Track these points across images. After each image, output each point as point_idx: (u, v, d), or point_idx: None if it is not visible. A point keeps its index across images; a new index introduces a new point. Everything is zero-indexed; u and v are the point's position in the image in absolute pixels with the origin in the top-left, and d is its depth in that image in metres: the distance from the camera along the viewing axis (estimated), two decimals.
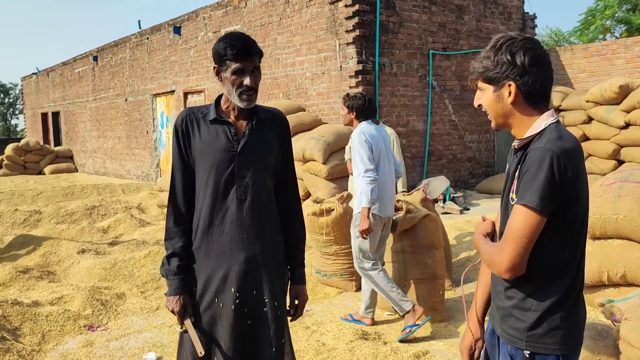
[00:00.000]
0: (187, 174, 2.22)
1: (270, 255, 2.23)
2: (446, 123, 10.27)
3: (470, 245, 6.36)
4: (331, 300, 4.94)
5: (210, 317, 2.18)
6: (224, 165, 2.16)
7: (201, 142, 2.18)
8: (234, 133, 2.18)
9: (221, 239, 2.16)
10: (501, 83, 1.62)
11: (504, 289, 1.67)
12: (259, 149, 2.21)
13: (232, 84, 2.13)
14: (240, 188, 2.16)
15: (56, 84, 21.89)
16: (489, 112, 1.70)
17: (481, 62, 1.66)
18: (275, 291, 2.23)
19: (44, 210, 9.12)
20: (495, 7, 10.83)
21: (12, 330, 4.09)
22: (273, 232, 2.27)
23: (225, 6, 11.61)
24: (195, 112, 2.24)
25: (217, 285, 2.16)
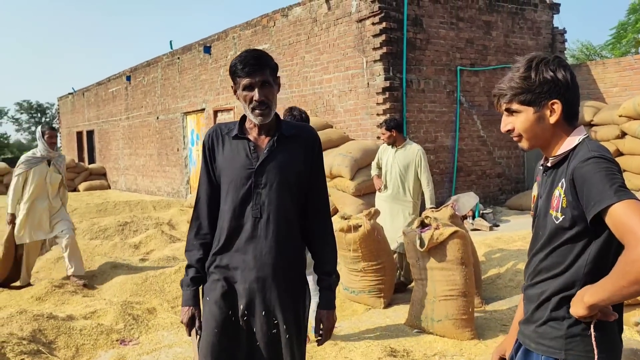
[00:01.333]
0: (211, 189, 2.23)
1: (284, 277, 2.16)
2: (475, 139, 10.20)
3: (500, 262, 6.27)
4: (359, 317, 4.93)
5: (222, 329, 2.15)
6: (241, 182, 2.14)
7: (223, 158, 2.19)
8: (253, 150, 2.16)
9: (235, 256, 2.15)
10: (543, 103, 1.60)
11: (541, 301, 1.65)
12: (278, 166, 2.16)
13: (244, 100, 2.14)
14: (256, 206, 2.13)
15: (91, 103, 22.52)
16: (524, 135, 1.65)
17: (516, 82, 1.62)
18: (287, 314, 2.16)
19: (78, 226, 9.34)
20: (523, 23, 10.78)
21: (47, 343, 4.19)
22: (291, 252, 2.20)
23: (254, 26, 11.83)
24: (222, 128, 2.25)
25: (229, 300, 2.16)
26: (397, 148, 5.59)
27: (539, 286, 1.67)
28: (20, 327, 4.24)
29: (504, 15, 10.48)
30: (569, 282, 1.59)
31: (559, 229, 1.59)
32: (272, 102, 2.15)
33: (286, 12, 10.88)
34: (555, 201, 1.59)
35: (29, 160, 5.92)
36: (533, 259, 1.71)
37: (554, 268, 1.62)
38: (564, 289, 1.60)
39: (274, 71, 2.18)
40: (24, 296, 5.49)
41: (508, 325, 4.51)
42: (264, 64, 2.13)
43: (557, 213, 1.58)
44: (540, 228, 1.68)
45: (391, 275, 5.28)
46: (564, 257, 1.60)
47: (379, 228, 5.24)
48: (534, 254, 1.71)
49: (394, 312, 5.01)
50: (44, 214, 5.98)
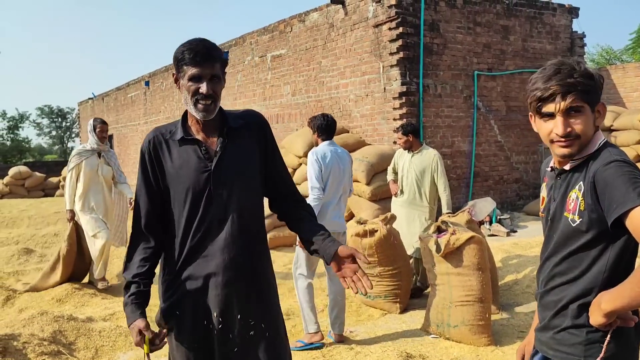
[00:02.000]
0: (151, 201, 2.06)
1: (256, 276, 2.07)
2: (492, 144, 10.15)
3: (518, 268, 6.22)
4: (375, 322, 4.93)
5: (192, 343, 2.03)
6: (200, 188, 1.98)
7: (172, 166, 2.02)
8: (204, 151, 2.00)
9: (202, 263, 2.01)
10: (596, 105, 1.60)
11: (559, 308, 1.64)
12: (235, 162, 2.03)
13: (188, 91, 1.95)
14: (218, 208, 1.99)
15: (110, 108, 22.84)
16: (583, 137, 1.58)
17: (583, 79, 1.55)
18: (264, 314, 2.08)
19: None
20: (542, 27, 10.70)
21: (67, 344, 4.26)
22: (259, 249, 2.11)
23: (272, 31, 11.91)
24: (164, 133, 2.06)
25: (201, 310, 2.01)
26: (414, 153, 5.59)
27: (554, 292, 1.66)
28: (41, 328, 4.31)
29: (522, 19, 10.43)
30: (587, 288, 1.58)
31: (576, 232, 1.58)
32: (219, 97, 2.00)
33: (303, 17, 10.94)
34: (572, 204, 1.58)
35: (80, 152, 5.97)
36: (546, 263, 1.70)
37: (569, 272, 1.61)
38: (582, 295, 1.58)
39: (224, 65, 2.04)
40: (45, 298, 5.58)
41: (525, 332, 4.48)
42: (216, 56, 1.97)
43: (574, 215, 1.57)
44: (553, 231, 1.67)
45: (407, 280, 5.27)
46: (580, 262, 1.59)
47: (395, 233, 5.24)
48: (547, 258, 1.70)
49: (410, 317, 5.00)
50: (100, 207, 6.00)
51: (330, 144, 4.42)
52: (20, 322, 4.38)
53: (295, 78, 11.26)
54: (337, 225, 4.35)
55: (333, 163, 4.28)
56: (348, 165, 4.47)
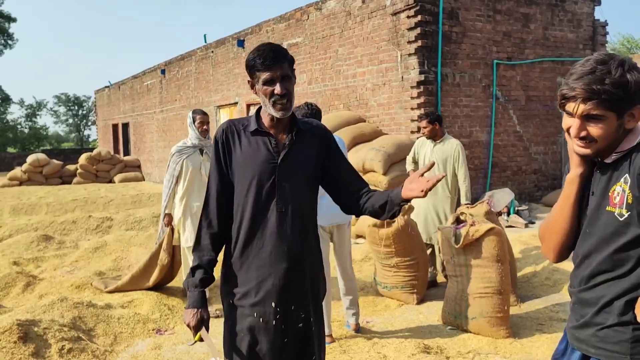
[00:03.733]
0: (223, 186, 2.18)
1: (310, 268, 2.19)
2: (510, 134, 10.02)
3: (536, 260, 6.15)
4: (392, 313, 4.91)
5: (249, 332, 2.11)
6: (265, 177, 2.12)
7: (242, 154, 2.16)
8: (274, 145, 2.15)
9: (261, 252, 2.12)
10: (629, 109, 1.51)
11: (602, 304, 1.59)
12: (299, 160, 2.17)
13: (264, 94, 2.10)
14: (281, 200, 2.12)
15: (126, 96, 22.95)
16: (601, 142, 1.54)
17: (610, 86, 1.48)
18: (314, 306, 2.20)
19: (114, 217, 9.55)
20: (563, 15, 10.50)
21: (87, 330, 4.30)
22: (313, 243, 2.23)
23: (288, 19, 11.84)
24: (237, 124, 2.22)
25: (258, 299, 2.10)
26: (436, 142, 5.53)
27: (597, 289, 1.60)
28: (62, 314, 4.36)
29: (543, 7, 10.23)
30: (634, 284, 1.52)
31: (623, 227, 1.52)
32: (292, 95, 2.13)
33: (320, 5, 10.85)
34: (618, 197, 1.53)
35: (181, 150, 5.20)
36: (586, 261, 1.64)
37: (616, 269, 1.55)
38: (629, 291, 1.53)
39: (292, 64, 2.16)
40: (64, 284, 5.64)
41: (544, 324, 4.43)
42: (283, 57, 2.10)
43: (621, 209, 1.52)
44: (593, 227, 1.61)
45: (424, 271, 5.24)
46: (627, 258, 1.53)
47: (413, 224, 5.21)
48: (586, 256, 1.64)
49: (427, 308, 4.97)
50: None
51: None
52: (41, 308, 4.44)
53: (311, 67, 11.20)
54: (336, 217, 4.15)
55: None
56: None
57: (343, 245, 4.36)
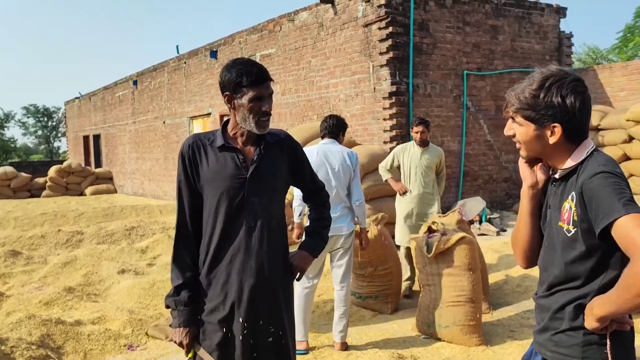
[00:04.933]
0: (194, 201, 2.19)
1: (278, 283, 2.20)
2: (481, 143, 10.19)
3: (508, 267, 6.25)
4: (366, 323, 4.92)
5: (217, 348, 2.12)
6: (234, 192, 2.12)
7: (209, 170, 2.15)
8: (242, 160, 2.15)
9: (230, 267, 2.12)
10: (545, 124, 1.61)
11: (555, 310, 1.65)
12: (267, 174, 2.18)
13: (249, 110, 2.10)
14: (250, 215, 2.13)
15: (97, 107, 22.63)
16: (523, 146, 1.68)
17: (525, 97, 1.63)
18: (280, 319, 2.19)
19: (85, 230, 9.38)
20: (530, 27, 10.76)
21: (55, 348, 4.21)
22: (282, 257, 2.24)
23: (261, 30, 11.86)
24: (202, 139, 2.22)
25: (225, 314, 2.11)
26: (424, 149, 5.63)
27: (553, 297, 1.67)
28: (29, 332, 4.26)
29: (511, 19, 10.48)
30: (585, 293, 1.60)
31: (572, 242, 1.59)
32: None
33: (292, 16, 10.91)
34: (566, 214, 1.60)
35: None
36: (546, 272, 1.70)
37: (569, 281, 1.62)
38: (579, 298, 1.60)
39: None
40: (33, 301, 5.51)
41: (515, 331, 4.50)
42: (269, 77, 2.15)
43: (569, 226, 1.59)
44: (550, 240, 1.68)
45: (398, 280, 5.28)
46: (578, 271, 1.60)
47: (386, 233, 5.24)
48: (546, 267, 1.70)
49: (401, 317, 5.00)
50: None
51: (327, 142, 4.33)
52: (8, 326, 4.32)
53: (284, 77, 11.23)
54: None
55: (319, 162, 4.11)
56: (339, 165, 4.20)
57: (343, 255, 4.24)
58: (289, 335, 2.23)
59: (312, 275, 4.21)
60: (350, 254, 4.27)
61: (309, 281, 4.20)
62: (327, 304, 5.31)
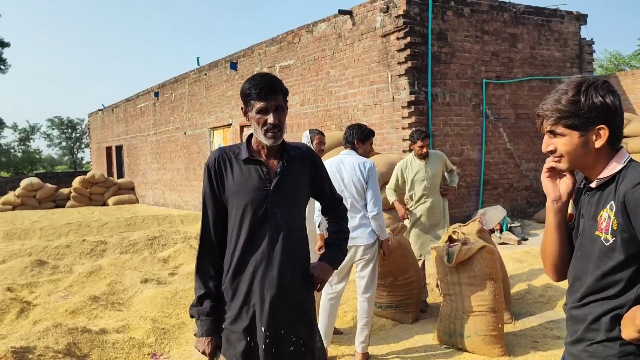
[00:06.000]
0: (219, 213, 2.25)
1: (301, 293, 2.24)
2: (501, 152, 10.13)
3: (530, 277, 6.19)
4: (387, 332, 4.92)
5: (241, 356, 2.16)
6: (258, 204, 2.18)
7: (234, 182, 2.22)
8: (266, 172, 2.21)
9: (252, 277, 2.17)
10: (590, 128, 1.59)
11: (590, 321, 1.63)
12: (290, 186, 2.24)
13: (257, 122, 2.18)
14: (272, 226, 2.18)
15: (120, 119, 23.01)
16: (566, 157, 1.64)
17: (564, 105, 1.61)
18: (302, 329, 2.22)
19: (109, 240, 9.53)
20: (550, 34, 10.70)
21: (81, 357, 4.29)
22: (303, 267, 2.28)
23: (280, 42, 11.99)
24: (228, 152, 2.28)
25: (248, 323, 2.16)
26: (425, 160, 5.61)
27: (587, 307, 1.65)
28: (56, 340, 4.34)
29: (530, 27, 10.43)
30: (621, 304, 1.57)
31: (609, 252, 1.57)
32: (284, 125, 2.23)
33: (311, 28, 11.01)
34: (604, 223, 1.58)
35: None
36: (578, 282, 1.68)
37: (604, 291, 1.60)
38: (616, 309, 1.58)
39: (286, 95, 2.25)
40: (59, 310, 5.62)
41: (539, 342, 4.46)
42: (278, 89, 2.19)
43: (607, 235, 1.57)
44: (584, 249, 1.66)
45: (419, 290, 5.27)
46: (614, 281, 1.57)
47: (406, 243, 5.25)
48: (578, 276, 1.68)
49: (422, 327, 4.98)
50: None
51: (345, 153, 4.35)
52: (35, 335, 4.42)
53: (303, 88, 11.31)
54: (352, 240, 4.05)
55: (331, 174, 4.02)
56: (349, 177, 4.18)
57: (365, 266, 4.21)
58: (312, 344, 2.25)
59: (336, 282, 4.23)
60: (372, 266, 4.20)
61: (332, 287, 4.21)
62: (348, 314, 5.32)
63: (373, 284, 4.25)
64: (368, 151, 4.53)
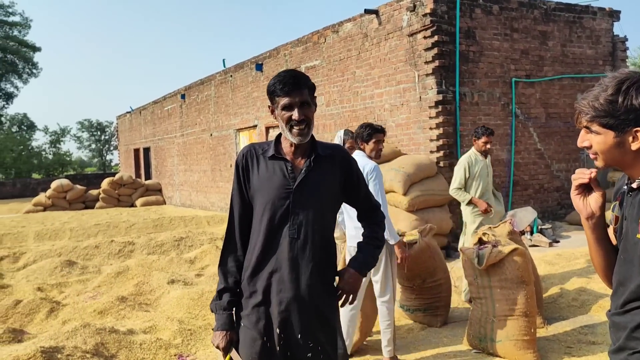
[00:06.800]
0: (243, 209, 2.21)
1: (320, 297, 2.14)
2: (531, 152, 9.91)
3: (562, 280, 6.02)
4: (415, 336, 4.84)
5: (257, 356, 2.13)
6: (279, 203, 2.12)
7: (259, 178, 2.17)
8: (290, 170, 2.15)
9: (270, 276, 2.11)
10: (627, 129, 1.51)
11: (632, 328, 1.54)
12: (315, 186, 2.15)
13: (282, 119, 2.12)
14: (293, 226, 2.11)
15: (147, 121, 23.31)
16: (601, 156, 1.58)
17: (600, 104, 1.53)
18: (322, 337, 2.14)
19: (136, 241, 9.63)
20: (582, 31, 10.44)
21: (109, 357, 4.31)
22: (326, 273, 2.18)
23: (305, 42, 11.96)
24: (257, 148, 2.23)
25: (264, 323, 2.11)
26: (487, 158, 5.62)
27: (629, 314, 1.56)
28: (84, 340, 4.38)
29: (561, 24, 10.19)
30: None
31: None
32: (311, 121, 2.14)
33: (337, 28, 10.95)
34: None
35: None
36: (622, 287, 1.59)
37: None
38: None
39: (312, 91, 2.17)
40: (87, 310, 5.67)
41: (573, 348, 4.32)
42: (303, 84, 2.12)
43: None
44: (628, 253, 1.57)
45: (448, 292, 5.16)
46: None
47: (435, 245, 5.15)
48: (621, 281, 1.59)
49: (451, 331, 4.88)
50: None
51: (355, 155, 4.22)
52: (64, 335, 4.46)
53: (329, 89, 11.26)
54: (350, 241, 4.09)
55: None
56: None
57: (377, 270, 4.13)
58: (332, 354, 2.16)
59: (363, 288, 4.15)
60: (383, 270, 4.10)
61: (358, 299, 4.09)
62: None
63: (388, 288, 4.14)
64: (376, 149, 4.28)
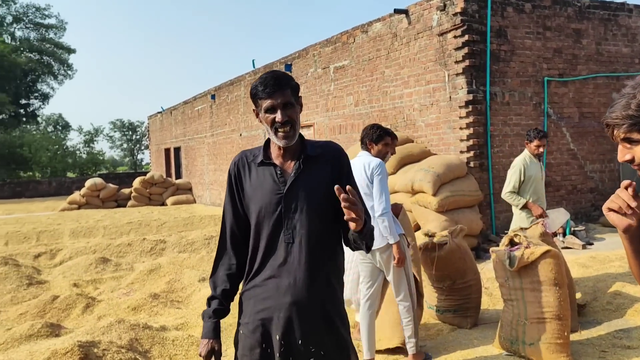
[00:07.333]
0: (236, 218, 2.17)
1: (320, 302, 2.08)
2: (564, 152, 9.74)
3: (596, 283, 5.91)
4: (445, 337, 4.81)
5: None
6: (272, 208, 2.07)
7: (251, 186, 2.13)
8: (279, 175, 2.10)
9: (268, 283, 2.07)
10: None
11: None
12: (307, 189, 2.09)
13: (266, 122, 2.07)
14: (288, 231, 2.06)
15: (178, 121, 23.66)
16: None
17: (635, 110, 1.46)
18: (326, 340, 2.08)
19: (167, 239, 9.79)
20: (617, 29, 10.21)
21: (143, 352, 4.41)
22: (326, 275, 2.11)
23: (334, 42, 11.98)
24: (248, 156, 2.19)
25: (263, 330, 2.07)
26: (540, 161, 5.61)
27: None
28: (119, 335, 4.49)
29: (595, 22, 9.99)
30: None
31: None
32: (296, 122, 2.08)
33: (366, 28, 10.95)
34: None
35: None
36: None
37: None
38: None
39: (295, 91, 2.10)
40: (121, 306, 5.81)
41: (607, 352, 4.24)
42: (285, 84, 2.05)
43: None
44: None
45: (478, 294, 5.12)
46: None
47: (465, 246, 5.12)
48: None
49: (482, 333, 4.84)
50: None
51: (360, 155, 4.20)
52: (100, 330, 4.58)
53: (358, 88, 11.26)
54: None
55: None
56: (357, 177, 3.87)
57: (387, 270, 4.12)
58: (337, 355, 2.10)
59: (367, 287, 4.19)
60: (393, 269, 4.06)
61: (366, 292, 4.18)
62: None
63: (402, 287, 4.10)
64: (383, 152, 4.24)
